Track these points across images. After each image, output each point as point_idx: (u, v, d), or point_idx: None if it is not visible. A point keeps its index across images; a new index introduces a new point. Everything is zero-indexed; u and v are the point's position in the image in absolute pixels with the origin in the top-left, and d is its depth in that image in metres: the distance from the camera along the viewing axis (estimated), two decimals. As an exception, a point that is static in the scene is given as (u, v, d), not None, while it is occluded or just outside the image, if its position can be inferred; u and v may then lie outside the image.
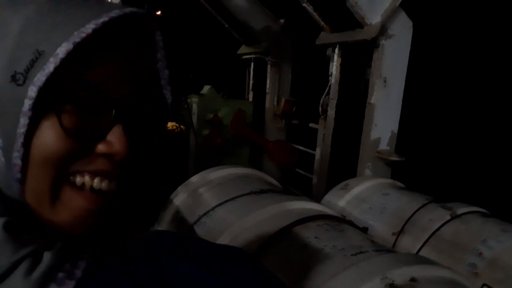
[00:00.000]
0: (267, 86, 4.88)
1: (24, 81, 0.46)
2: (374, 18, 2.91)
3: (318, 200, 2.93)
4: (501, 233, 1.91)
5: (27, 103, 0.46)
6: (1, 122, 0.47)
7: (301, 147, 4.63)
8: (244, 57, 5.16)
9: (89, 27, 0.48)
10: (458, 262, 1.88)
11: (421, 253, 2.03)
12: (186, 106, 4.64)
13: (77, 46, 0.47)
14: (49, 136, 0.49)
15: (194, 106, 4.67)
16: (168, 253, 0.54)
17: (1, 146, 0.48)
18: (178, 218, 2.17)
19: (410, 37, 3.04)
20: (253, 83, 5.18)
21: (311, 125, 4.22)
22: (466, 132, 4.40)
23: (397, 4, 2.89)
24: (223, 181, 2.30)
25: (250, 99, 5.21)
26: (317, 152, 3.85)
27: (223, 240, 1.68)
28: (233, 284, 0.50)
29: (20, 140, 0.47)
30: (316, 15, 3.27)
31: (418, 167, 3.77)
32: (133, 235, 0.62)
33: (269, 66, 4.81)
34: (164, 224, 2.22)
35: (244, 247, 1.62)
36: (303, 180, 4.45)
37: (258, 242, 1.57)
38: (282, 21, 4.62)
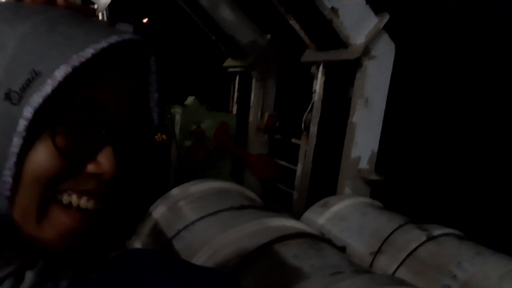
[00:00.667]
0: (252, 100, 4.90)
1: (19, 100, 0.46)
2: (359, 38, 2.98)
3: (298, 215, 2.94)
4: (475, 255, 1.95)
5: (22, 123, 0.46)
6: None
7: (283, 162, 4.65)
8: (230, 70, 5.19)
9: (88, 52, 0.48)
10: (433, 284, 1.91)
11: (398, 273, 2.05)
12: (169, 116, 4.62)
13: (75, 69, 0.47)
14: (42, 155, 0.49)
15: (177, 117, 4.65)
16: (149, 271, 0.54)
17: None
18: (157, 231, 2.14)
19: (392, 59, 3.12)
20: (237, 97, 5.20)
21: (294, 140, 4.26)
22: (444, 154, 4.51)
23: (381, 26, 2.96)
24: (203, 195, 2.29)
25: (234, 112, 5.22)
26: (299, 168, 3.87)
27: (202, 255, 1.67)
28: None
29: (13, 159, 0.46)
30: (302, 33, 3.33)
31: (396, 186, 3.83)
32: (114, 250, 0.62)
33: (254, 80, 4.84)
34: (142, 237, 2.19)
35: (223, 263, 1.61)
36: (284, 195, 4.46)
37: (237, 259, 1.56)
38: (268, 36, 4.68)
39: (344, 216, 2.55)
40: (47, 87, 0.46)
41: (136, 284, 0.52)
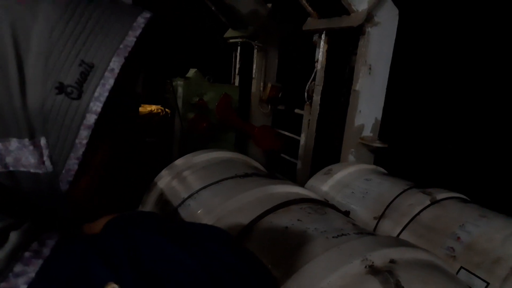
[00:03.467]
0: (253, 71, 4.85)
1: (79, 95, 0.47)
2: (361, 5, 2.92)
3: (302, 184, 2.96)
4: (479, 218, 1.97)
5: (92, 118, 0.48)
6: (51, 132, 0.47)
7: (286, 133, 4.65)
8: (231, 41, 5.11)
9: (131, 40, 0.49)
10: (436, 246, 1.93)
11: (401, 236, 2.08)
12: (171, 89, 4.60)
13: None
14: (106, 146, 0.55)
15: (180, 90, 4.63)
16: (144, 229, 0.54)
17: (49, 155, 0.48)
18: (162, 200, 2.17)
19: (396, 25, 3.06)
20: (239, 68, 5.15)
21: (297, 111, 4.24)
22: (448, 120, 4.48)
23: (384, -9, 2.89)
24: (207, 165, 2.31)
25: (236, 83, 5.18)
26: (302, 138, 3.88)
27: (206, 222, 1.70)
28: (211, 263, 0.51)
29: (81, 149, 0.49)
30: (303, 1, 3.26)
31: (400, 153, 3.83)
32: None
33: (255, 51, 4.78)
34: (148, 207, 2.22)
35: (227, 229, 1.63)
36: (288, 165, 4.48)
37: (241, 224, 1.58)
38: (269, 5, 4.58)
39: (348, 182, 2.57)
40: (110, 81, 0.47)
41: (127, 238, 0.52)
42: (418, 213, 2.13)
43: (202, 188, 1.99)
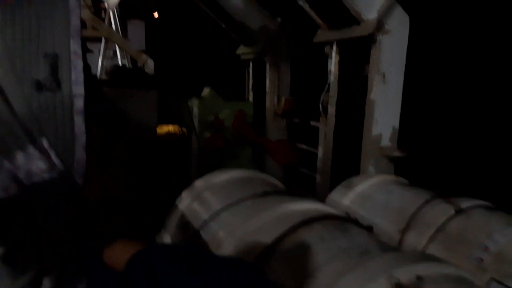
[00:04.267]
0: (267, 86, 4.87)
1: (58, 85, 0.46)
2: (371, 14, 2.91)
3: (322, 198, 2.93)
4: (506, 226, 1.91)
5: (80, 101, 0.47)
6: (48, 130, 0.47)
7: (303, 146, 4.63)
8: (243, 57, 5.16)
9: (76, 20, 0.49)
10: (464, 257, 1.88)
11: (428, 249, 2.03)
12: (187, 109, 4.66)
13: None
14: (94, 128, 0.51)
15: (195, 109, 4.69)
16: (169, 268, 0.55)
17: (56, 154, 0.48)
18: (184, 223, 2.18)
19: (407, 32, 3.03)
20: (252, 83, 5.18)
21: (312, 123, 4.22)
22: (469, 125, 4.39)
23: (393, -1, 2.89)
24: (226, 185, 2.31)
25: (250, 99, 5.21)
26: (320, 151, 3.85)
27: (228, 244, 1.69)
28: None
29: (83, 137, 0.48)
30: (312, 13, 3.27)
31: (421, 162, 3.76)
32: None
33: (267, 66, 4.81)
34: (170, 230, 2.23)
35: (249, 250, 1.62)
36: (307, 179, 4.45)
37: (263, 245, 1.57)
38: (279, 19, 4.62)
39: (369, 195, 2.53)
40: (79, 62, 0.47)
41: (152, 277, 0.52)
42: (444, 224, 2.08)
43: (222, 209, 1.99)
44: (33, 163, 0.46)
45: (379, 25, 2.93)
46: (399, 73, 3.11)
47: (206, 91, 4.85)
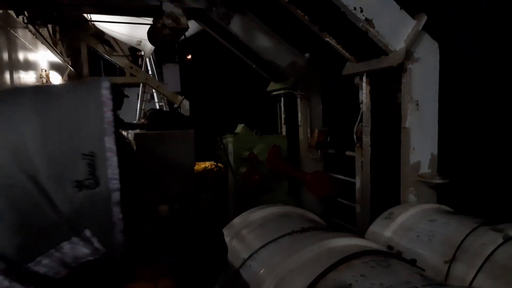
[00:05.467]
0: (299, 119, 4.93)
1: (97, 183, 0.52)
2: (398, 44, 2.93)
3: (363, 229, 2.87)
4: (561, 254, 1.80)
5: (117, 194, 0.53)
6: (90, 222, 0.53)
7: (340, 176, 4.59)
8: (274, 93, 5.27)
9: (109, 115, 0.54)
10: (517, 289, 1.78)
11: (476, 280, 1.93)
12: (222, 146, 4.77)
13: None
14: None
15: (230, 146, 4.78)
16: None
17: (98, 240, 0.54)
18: (224, 262, 2.20)
19: (438, 58, 3.02)
20: (285, 117, 5.26)
21: (348, 153, 4.20)
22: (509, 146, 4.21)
23: (420, 28, 2.90)
24: (264, 222, 2.33)
25: (284, 133, 5.27)
26: (357, 181, 3.80)
27: (269, 283, 1.70)
28: None
29: (121, 224, 0.54)
30: (339, 48, 3.34)
31: (464, 188, 3.62)
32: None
33: (299, 100, 4.88)
34: (210, 270, 2.25)
35: (291, 289, 1.62)
36: (346, 210, 4.38)
37: (303, 285, 1.57)
38: (307, 55, 4.72)
39: (411, 226, 2.46)
40: (114, 158, 0.53)
41: None
42: (492, 253, 1.98)
43: (261, 247, 2.01)
44: (78, 250, 0.53)
45: (408, 54, 2.95)
46: (433, 99, 3.08)
47: (239, 127, 4.96)
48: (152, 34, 3.79)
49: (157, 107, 11.07)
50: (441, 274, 2.06)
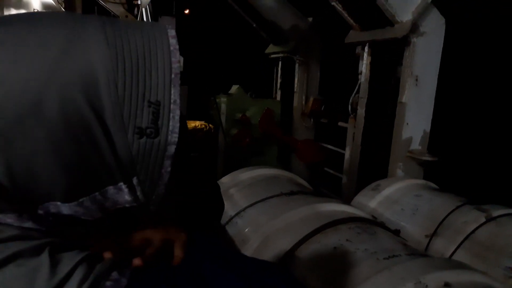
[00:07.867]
0: (295, 85, 4.87)
1: (157, 133, 0.50)
2: (405, 15, 2.86)
3: (348, 199, 2.91)
4: (540, 237, 1.85)
5: (172, 148, 0.52)
6: (140, 171, 0.52)
7: (330, 146, 4.60)
8: (272, 56, 5.17)
9: (177, 67, 0.52)
10: (493, 266, 1.83)
11: (455, 256, 1.99)
12: (215, 106, 4.71)
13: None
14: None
15: (223, 106, 4.73)
16: (211, 263, 0.58)
17: (141, 189, 0.53)
18: (210, 218, 2.22)
19: (443, 35, 2.97)
20: (281, 82, 5.19)
21: (341, 124, 4.20)
22: (503, 131, 4.24)
23: (429, 1, 2.83)
24: (253, 182, 2.33)
25: (278, 98, 5.22)
26: (347, 152, 3.82)
27: (254, 241, 1.71)
28: None
29: (167, 176, 0.54)
30: (345, 14, 3.25)
31: (452, 167, 3.67)
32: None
33: (297, 65, 4.80)
34: (196, 224, 2.27)
35: (274, 248, 1.64)
36: (332, 179, 4.43)
37: (288, 244, 1.59)
38: (310, 19, 4.60)
39: (397, 199, 2.49)
40: (177, 112, 0.52)
41: (197, 275, 0.55)
42: (473, 231, 2.03)
43: (249, 206, 2.02)
44: (120, 197, 0.52)
45: (414, 27, 2.88)
46: (433, 76, 3.05)
47: (234, 88, 4.89)
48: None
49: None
50: (421, 247, 2.11)
